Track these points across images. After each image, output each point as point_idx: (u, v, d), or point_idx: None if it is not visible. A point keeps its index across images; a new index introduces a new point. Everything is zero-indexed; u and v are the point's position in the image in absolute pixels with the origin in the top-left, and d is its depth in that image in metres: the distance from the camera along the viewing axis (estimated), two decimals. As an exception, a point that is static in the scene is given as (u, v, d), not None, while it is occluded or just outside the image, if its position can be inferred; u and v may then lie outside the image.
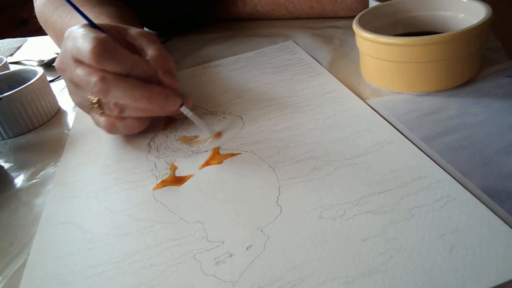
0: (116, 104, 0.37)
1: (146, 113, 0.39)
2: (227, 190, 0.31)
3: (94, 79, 0.35)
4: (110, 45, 0.35)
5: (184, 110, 0.39)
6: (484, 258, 0.22)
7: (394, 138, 0.33)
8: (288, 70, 0.49)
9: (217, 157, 0.36)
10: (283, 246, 0.26)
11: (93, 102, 0.38)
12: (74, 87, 0.39)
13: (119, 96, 0.35)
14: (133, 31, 0.41)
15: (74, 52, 0.36)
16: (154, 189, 0.34)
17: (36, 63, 0.73)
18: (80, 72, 0.36)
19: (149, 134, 0.42)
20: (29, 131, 0.49)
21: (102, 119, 0.39)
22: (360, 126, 0.35)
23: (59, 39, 0.58)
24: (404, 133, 0.33)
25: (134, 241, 0.29)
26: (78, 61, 0.36)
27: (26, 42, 0.92)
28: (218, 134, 0.38)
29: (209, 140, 0.38)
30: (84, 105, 0.40)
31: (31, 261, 0.29)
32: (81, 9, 0.53)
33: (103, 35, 0.35)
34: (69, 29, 0.37)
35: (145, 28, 0.70)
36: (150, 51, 0.39)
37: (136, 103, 0.36)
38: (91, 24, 0.38)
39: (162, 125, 0.43)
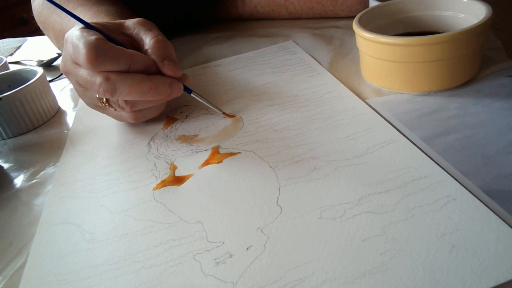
0: (125, 100, 0.37)
1: (155, 102, 0.39)
2: (227, 190, 0.31)
3: (98, 79, 0.35)
4: (102, 47, 0.34)
5: (195, 95, 0.40)
6: (484, 258, 0.22)
7: (394, 138, 0.33)
8: (288, 70, 0.49)
9: (217, 156, 0.36)
10: (283, 246, 0.26)
11: (103, 101, 0.38)
12: (82, 88, 0.39)
13: (126, 92, 0.35)
14: (129, 22, 0.40)
15: (73, 56, 0.36)
16: (154, 189, 0.34)
17: (35, 63, 0.73)
18: (83, 73, 0.36)
19: (149, 134, 0.42)
20: (29, 131, 0.49)
21: (123, 114, 0.40)
22: (360, 126, 0.35)
23: (58, 39, 0.57)
24: (404, 133, 0.33)
25: (134, 241, 0.29)
26: (79, 64, 0.36)
27: (25, 42, 0.92)
28: (231, 116, 0.40)
29: (209, 142, 0.38)
30: (97, 105, 0.40)
31: (30, 261, 0.29)
32: (80, 8, 0.53)
33: (93, 37, 0.35)
34: (67, 33, 0.37)
35: None
36: (147, 40, 0.38)
37: (144, 96, 0.36)
38: (87, 26, 0.37)
39: (162, 125, 0.43)
